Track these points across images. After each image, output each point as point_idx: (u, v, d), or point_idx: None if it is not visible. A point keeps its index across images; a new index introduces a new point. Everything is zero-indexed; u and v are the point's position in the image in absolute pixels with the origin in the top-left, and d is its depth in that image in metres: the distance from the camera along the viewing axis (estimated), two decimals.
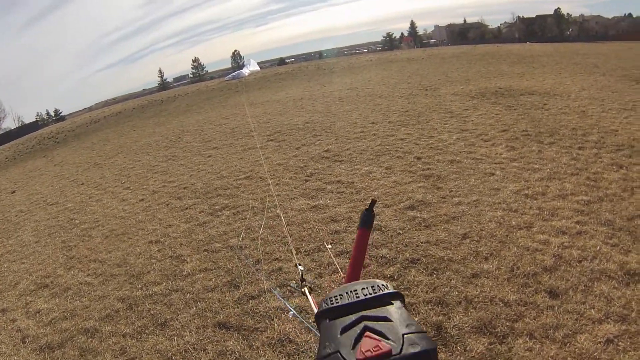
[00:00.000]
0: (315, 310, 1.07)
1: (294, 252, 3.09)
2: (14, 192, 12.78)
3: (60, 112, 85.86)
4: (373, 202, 1.08)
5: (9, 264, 6.73)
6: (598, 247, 3.99)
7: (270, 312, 3.79)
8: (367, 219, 1.05)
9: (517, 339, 3.00)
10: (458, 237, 4.47)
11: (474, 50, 32.29)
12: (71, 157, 16.35)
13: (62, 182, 11.99)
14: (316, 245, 4.80)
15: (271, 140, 10.38)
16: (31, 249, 7.08)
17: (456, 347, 3.02)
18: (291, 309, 3.27)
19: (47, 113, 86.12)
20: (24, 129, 57.84)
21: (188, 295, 4.39)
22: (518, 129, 8.26)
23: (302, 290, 1.47)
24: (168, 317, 4.12)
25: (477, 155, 7.00)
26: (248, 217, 5.99)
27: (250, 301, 4.03)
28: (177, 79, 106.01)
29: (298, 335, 3.40)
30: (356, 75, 21.06)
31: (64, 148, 20.44)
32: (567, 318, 3.12)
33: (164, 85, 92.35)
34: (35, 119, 75.75)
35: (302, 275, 1.64)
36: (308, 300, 1.37)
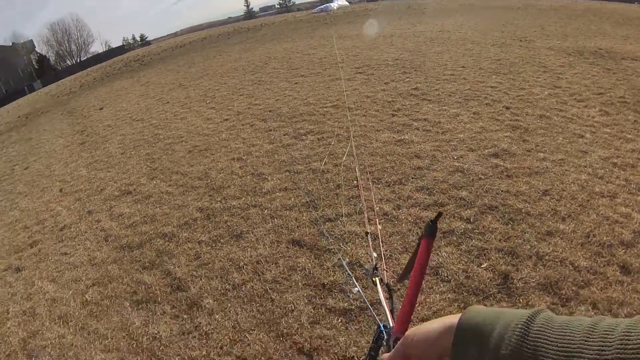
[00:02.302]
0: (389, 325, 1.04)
1: (370, 241, 3.06)
2: (101, 108, 13.54)
3: (146, 37, 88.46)
4: (439, 214, 1.01)
5: (96, 172, 7.29)
6: None
7: (345, 235, 3.91)
8: (432, 231, 0.91)
9: (580, 306, 2.93)
10: (538, 193, 4.33)
11: (574, 4, 29.57)
12: (156, 78, 16.85)
13: (147, 100, 12.53)
14: (398, 177, 4.81)
15: (359, 72, 10.17)
16: (117, 160, 7.58)
17: (519, 300, 3.02)
18: (357, 285, 3.27)
19: (133, 38, 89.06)
20: (111, 53, 60.16)
21: (266, 211, 4.58)
22: (615, 95, 7.63)
23: (373, 279, 1.45)
24: (244, 229, 4.34)
25: (568, 114, 6.59)
26: (332, 143, 6.02)
27: (327, 223, 4.15)
28: (263, 9, 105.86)
29: (369, 263, 3.48)
30: (448, 18, 19.90)
31: (149, 70, 21.06)
32: (634, 297, 2.98)
33: (250, 14, 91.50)
34: (122, 43, 78.54)
35: (375, 264, 1.66)
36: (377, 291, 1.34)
